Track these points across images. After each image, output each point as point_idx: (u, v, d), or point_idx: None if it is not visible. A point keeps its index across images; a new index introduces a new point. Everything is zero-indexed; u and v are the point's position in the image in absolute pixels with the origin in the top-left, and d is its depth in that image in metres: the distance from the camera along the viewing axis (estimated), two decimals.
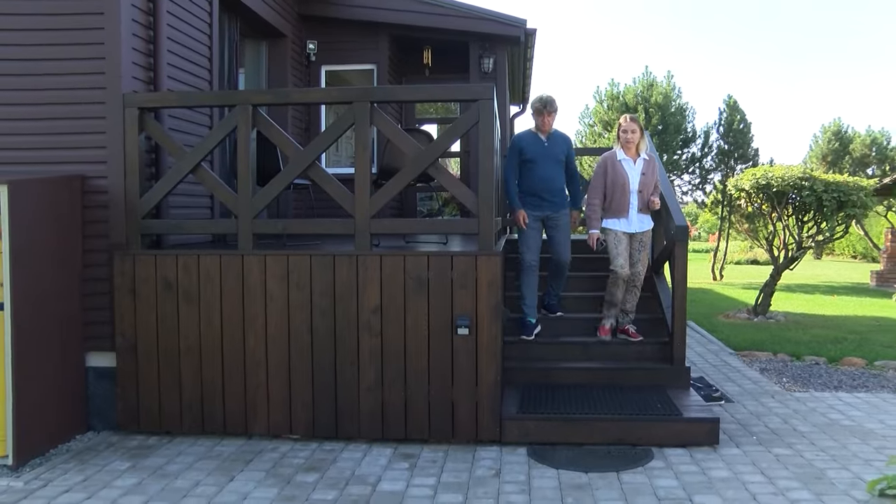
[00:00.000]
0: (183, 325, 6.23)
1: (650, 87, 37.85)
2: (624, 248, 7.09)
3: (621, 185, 7.02)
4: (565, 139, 7.41)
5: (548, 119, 7.18)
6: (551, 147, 7.20)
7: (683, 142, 36.68)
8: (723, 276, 21.13)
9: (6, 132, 6.41)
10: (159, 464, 5.61)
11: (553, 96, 7.23)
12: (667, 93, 37.49)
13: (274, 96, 6.94)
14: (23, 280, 5.60)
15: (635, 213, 7.07)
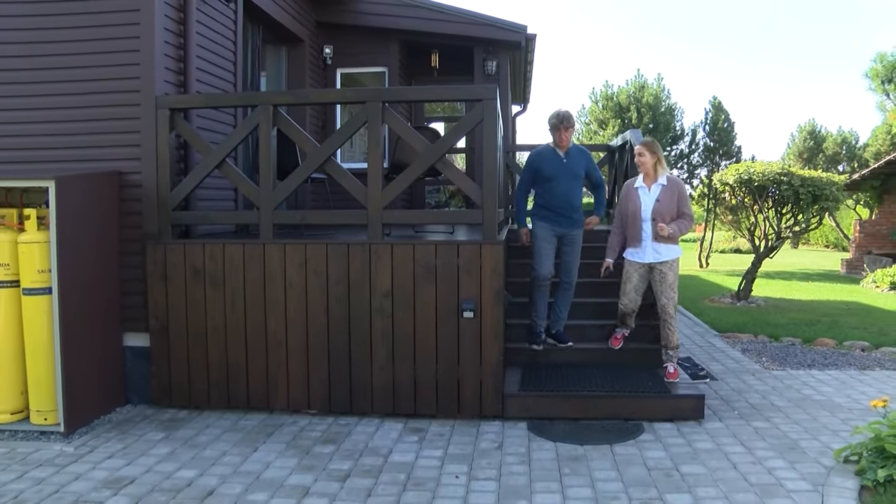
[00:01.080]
0: (210, 309, 6.27)
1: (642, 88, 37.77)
2: (635, 282, 6.49)
3: (633, 212, 6.40)
4: (583, 153, 6.84)
5: (565, 135, 6.61)
6: (570, 164, 6.66)
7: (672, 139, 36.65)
8: (708, 264, 21.11)
9: (52, 133, 6.46)
10: (189, 435, 5.67)
11: (569, 111, 6.71)
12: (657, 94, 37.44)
13: (293, 97, 6.97)
14: (68, 267, 5.65)
15: (649, 243, 6.34)
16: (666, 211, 6.29)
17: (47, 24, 6.44)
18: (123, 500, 4.46)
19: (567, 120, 6.64)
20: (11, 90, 6.50)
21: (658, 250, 6.35)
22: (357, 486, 4.64)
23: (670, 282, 6.34)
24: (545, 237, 6.72)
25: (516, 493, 4.48)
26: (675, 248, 6.39)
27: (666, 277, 6.33)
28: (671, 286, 6.35)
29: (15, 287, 5.77)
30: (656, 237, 6.28)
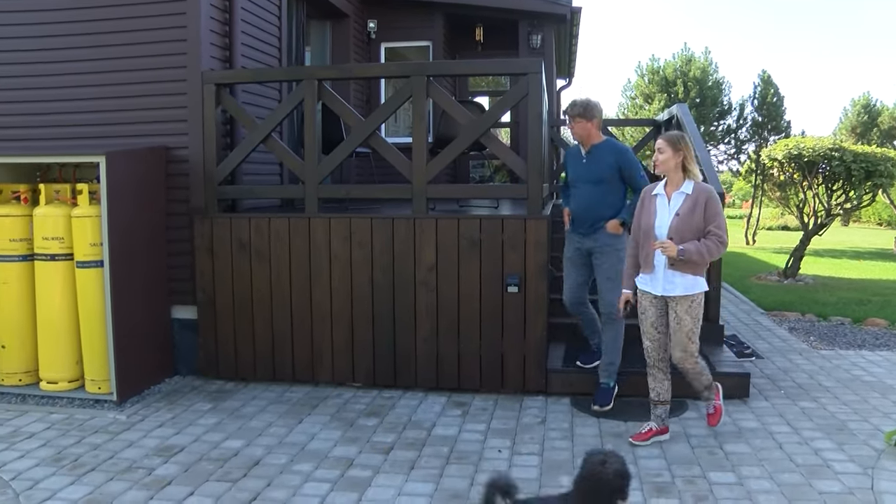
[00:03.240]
0: (255, 282, 6.35)
1: (688, 62, 37.10)
2: (652, 318, 4.90)
3: (646, 228, 4.84)
4: (613, 151, 5.52)
5: (575, 127, 5.50)
6: (589, 165, 5.52)
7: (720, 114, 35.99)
8: (755, 241, 20.79)
9: (102, 109, 6.57)
10: (236, 406, 5.77)
11: (587, 99, 5.51)
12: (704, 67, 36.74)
13: (338, 71, 6.99)
14: (118, 240, 5.76)
15: (662, 269, 4.77)
16: (686, 229, 4.68)
17: (96, 3, 6.52)
18: (173, 467, 4.56)
19: (573, 108, 5.49)
20: (64, 68, 6.61)
21: (673, 280, 4.75)
22: (400, 459, 4.68)
23: (687, 328, 4.74)
24: (567, 254, 5.81)
25: (559, 468, 4.49)
26: (696, 281, 4.73)
27: (682, 322, 4.74)
28: (689, 334, 4.75)
29: (69, 260, 5.90)
30: (673, 262, 4.72)
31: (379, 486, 4.30)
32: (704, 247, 4.65)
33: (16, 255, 6.00)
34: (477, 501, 4.06)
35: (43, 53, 6.65)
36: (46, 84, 6.67)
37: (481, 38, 11.56)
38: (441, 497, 4.14)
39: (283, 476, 4.44)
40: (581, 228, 5.62)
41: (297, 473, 4.47)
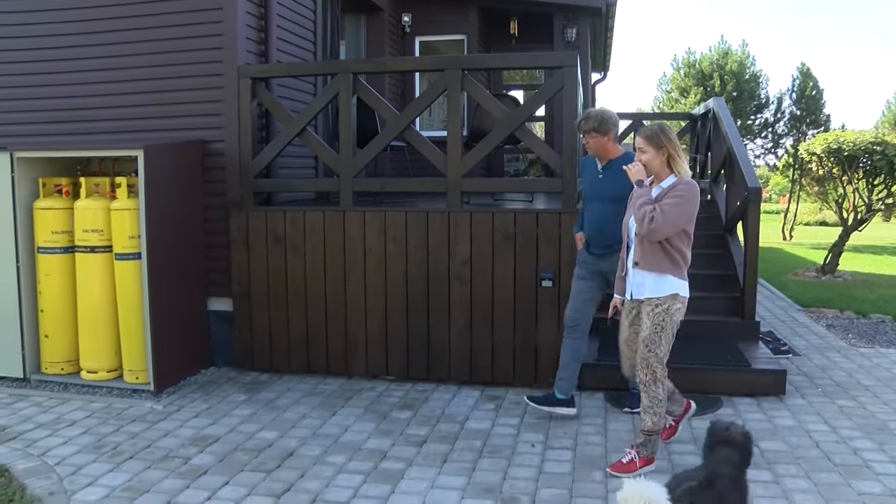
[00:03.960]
0: (290, 275, 6.39)
1: (725, 55, 36.64)
2: (625, 337, 4.57)
3: (625, 226, 4.53)
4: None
5: (590, 143, 5.00)
6: (605, 182, 5.02)
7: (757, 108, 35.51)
8: (792, 237, 20.50)
9: (140, 104, 6.66)
10: (270, 398, 5.82)
11: (601, 110, 4.99)
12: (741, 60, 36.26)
13: (373, 65, 7.01)
14: (155, 233, 5.82)
15: (632, 270, 4.41)
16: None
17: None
18: (209, 457, 4.62)
19: (587, 121, 4.95)
20: (103, 64, 6.71)
21: (642, 281, 4.34)
22: (433, 452, 4.69)
23: (644, 334, 4.27)
24: (578, 272, 5.29)
25: (592, 464, 4.46)
26: (665, 281, 4.25)
27: (641, 327, 4.33)
28: (646, 342, 4.26)
29: (108, 252, 5.99)
30: (640, 261, 4.32)
31: (412, 478, 4.31)
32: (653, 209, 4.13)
33: (58, 247, 6.10)
34: (508, 496, 4.07)
35: (82, 50, 6.76)
36: (85, 80, 6.78)
37: (516, 32, 11.50)
38: (474, 490, 4.14)
39: (317, 467, 4.47)
40: (596, 250, 5.12)
41: (331, 465, 4.50)
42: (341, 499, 4.05)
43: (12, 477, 4.35)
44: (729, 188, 7.77)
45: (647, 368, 4.28)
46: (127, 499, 4.06)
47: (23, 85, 6.97)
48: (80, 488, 4.20)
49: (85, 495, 4.11)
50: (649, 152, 4.30)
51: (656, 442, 4.38)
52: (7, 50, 6.99)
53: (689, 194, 4.20)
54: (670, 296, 4.25)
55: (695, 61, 37.59)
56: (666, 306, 4.24)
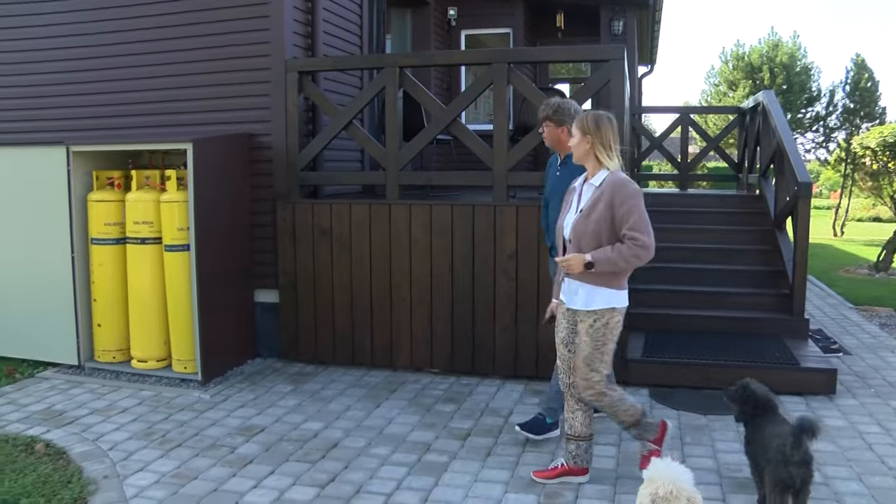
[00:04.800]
0: (336, 267, 6.43)
1: (775, 47, 36.00)
2: (563, 336, 4.15)
3: (558, 227, 4.15)
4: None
5: (544, 130, 4.70)
6: (562, 180, 4.51)
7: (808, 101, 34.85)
8: (843, 233, 20.05)
9: (189, 98, 6.75)
10: (315, 389, 5.87)
11: (559, 100, 4.74)
12: (792, 52, 35.61)
13: (419, 59, 7.01)
14: (204, 225, 5.90)
15: (566, 277, 4.03)
16: (583, 231, 3.89)
17: None
18: (255, 447, 4.67)
19: (544, 108, 4.69)
20: (153, 59, 6.82)
21: (575, 291, 3.98)
22: (477, 445, 4.69)
23: (584, 354, 3.94)
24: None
25: (636, 460, 4.41)
26: (600, 294, 3.90)
27: (581, 344, 3.96)
28: (586, 360, 3.94)
29: (158, 244, 6.09)
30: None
31: (455, 471, 4.31)
32: (617, 254, 3.79)
33: (110, 238, 6.22)
34: (551, 490, 4.05)
35: (133, 46, 6.87)
36: (136, 75, 6.90)
37: (562, 25, 11.43)
38: (517, 485, 4.13)
39: (361, 459, 4.50)
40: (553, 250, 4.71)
41: (375, 457, 4.52)
42: (385, 490, 4.07)
43: (70, 460, 4.49)
44: (778, 183, 7.63)
45: (592, 389, 3.97)
46: (176, 485, 4.13)
47: (76, 81, 7.13)
48: (132, 473, 4.29)
49: (136, 480, 4.20)
50: (575, 136, 3.99)
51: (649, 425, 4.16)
52: (62, 48, 7.15)
53: (631, 194, 3.85)
54: (607, 309, 3.91)
55: (744, 54, 37.00)
56: (605, 321, 3.90)
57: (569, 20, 11.41)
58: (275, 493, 4.03)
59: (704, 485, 3.85)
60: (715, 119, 32.43)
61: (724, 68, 37.64)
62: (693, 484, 2.91)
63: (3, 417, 5.25)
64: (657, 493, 2.85)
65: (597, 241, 3.85)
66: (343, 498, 3.97)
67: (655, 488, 2.87)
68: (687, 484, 2.88)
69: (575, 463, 4.15)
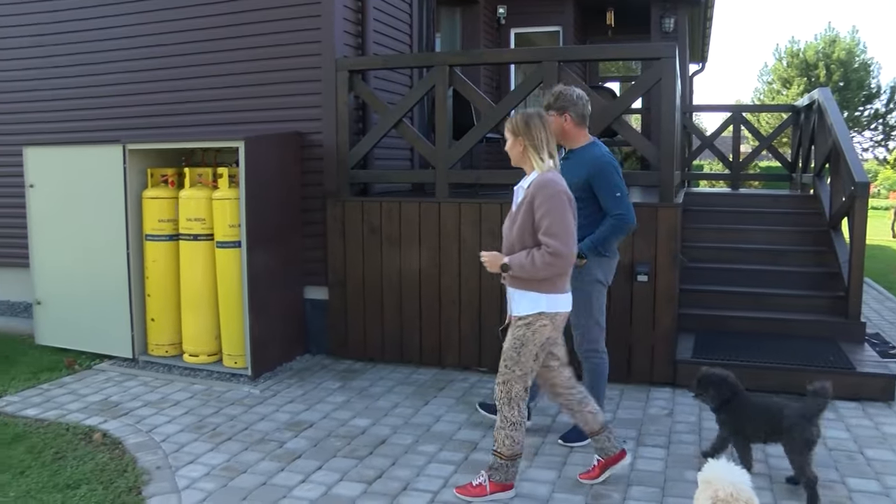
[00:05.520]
0: (385, 265, 6.46)
1: (832, 43, 35.23)
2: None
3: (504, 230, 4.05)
4: (587, 160, 4.50)
5: (555, 122, 4.46)
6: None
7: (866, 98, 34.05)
8: None
9: (241, 97, 6.85)
10: (364, 386, 5.91)
11: (561, 87, 4.62)
12: (850, 48, 34.81)
13: (468, 57, 7.00)
14: (255, 222, 5.98)
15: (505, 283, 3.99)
16: (509, 234, 3.91)
17: None
18: (303, 442, 4.72)
19: (546, 96, 4.60)
20: (205, 59, 6.94)
21: (510, 296, 3.97)
22: (525, 445, 4.66)
23: (505, 348, 3.92)
24: None
25: (685, 463, 4.37)
26: (528, 298, 3.83)
27: (506, 341, 3.94)
28: (505, 357, 3.91)
29: (210, 240, 6.18)
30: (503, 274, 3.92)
31: None
32: (530, 260, 3.70)
33: (163, 234, 6.34)
34: (598, 492, 4.02)
35: (186, 46, 7.00)
36: (189, 74, 7.02)
37: (612, 23, 11.34)
38: (564, 485, 4.12)
39: (408, 456, 4.52)
40: None
41: (422, 454, 4.54)
42: (432, 488, 4.09)
43: (125, 450, 4.61)
44: (833, 182, 7.47)
45: (503, 385, 3.89)
46: (226, 478, 4.20)
47: (132, 81, 7.28)
48: (183, 465, 4.37)
49: (188, 472, 4.28)
50: (508, 139, 3.91)
51: (511, 468, 3.92)
52: (118, 49, 7.31)
53: (550, 196, 3.71)
54: (535, 314, 3.81)
55: (799, 50, 36.29)
56: (528, 321, 3.81)
57: (619, 18, 11.32)
58: (322, 489, 4.08)
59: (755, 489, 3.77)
60: (768, 118, 31.89)
61: (778, 66, 36.98)
62: (750, 486, 2.87)
63: (64, 406, 5.41)
64: (717, 495, 2.80)
65: (522, 246, 3.79)
66: (390, 495, 4.00)
67: (715, 490, 2.82)
68: (746, 486, 2.83)
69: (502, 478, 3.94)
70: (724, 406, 4.24)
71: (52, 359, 6.53)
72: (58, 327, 6.86)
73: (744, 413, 4.17)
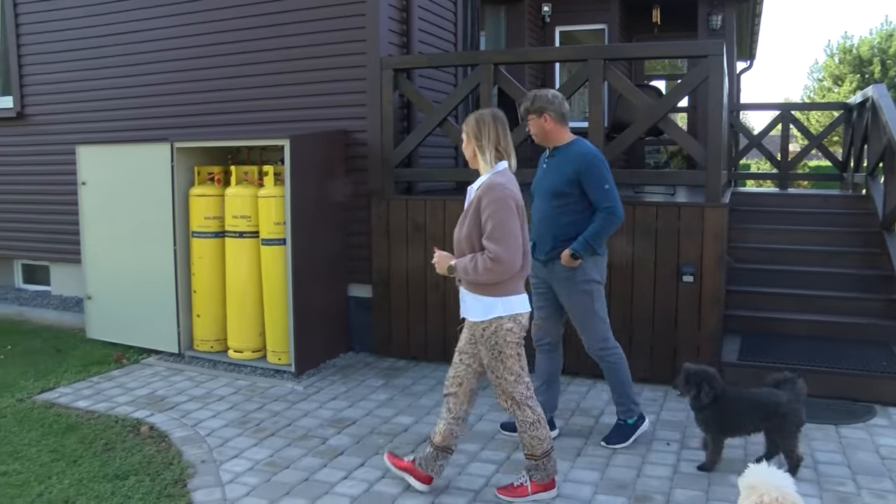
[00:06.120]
0: (429, 263, 6.46)
1: (889, 37, 34.41)
2: (460, 345, 4.05)
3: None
4: (573, 156, 4.47)
5: (530, 126, 4.60)
6: (548, 172, 4.52)
7: None
8: None
9: (287, 95, 6.92)
10: (406, 384, 5.92)
11: (535, 90, 4.60)
12: None
13: (513, 55, 6.98)
14: (299, 220, 6.03)
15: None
16: (459, 238, 3.84)
17: None
18: (346, 439, 4.76)
19: (523, 102, 4.58)
20: (252, 58, 7.03)
21: (463, 298, 3.91)
22: (567, 446, 4.65)
23: (486, 362, 3.87)
24: (532, 280, 4.73)
25: (729, 467, 4.30)
26: (481, 302, 3.77)
27: (482, 353, 3.87)
28: (495, 372, 3.87)
29: (255, 237, 6.25)
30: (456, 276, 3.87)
31: None
32: (473, 265, 3.66)
33: (209, 231, 6.43)
34: (641, 493, 3.99)
35: (233, 45, 7.09)
36: (235, 73, 7.12)
37: (658, 20, 11.23)
38: (606, 486, 4.09)
39: None
40: (539, 254, 4.58)
41: (464, 453, 4.54)
42: (473, 487, 4.09)
43: (171, 443, 4.70)
44: (888, 182, 7.29)
45: (503, 394, 3.91)
46: (269, 473, 4.24)
47: (179, 80, 7.40)
48: (228, 459, 4.43)
49: (232, 466, 4.34)
50: (463, 140, 3.91)
51: (548, 464, 3.91)
52: (166, 50, 7.44)
53: (495, 199, 3.66)
54: (492, 319, 3.75)
55: (852, 46, 35.52)
56: (493, 329, 3.76)
57: (665, 15, 11.20)
58: (364, 486, 4.10)
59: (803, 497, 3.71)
60: (818, 116, 31.26)
61: (830, 62, 36.23)
62: (796, 489, 2.82)
63: (113, 399, 5.52)
64: (763, 500, 2.76)
65: (470, 248, 3.75)
66: (432, 493, 4.00)
67: (760, 496, 2.77)
68: (792, 491, 2.78)
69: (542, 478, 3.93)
70: (709, 404, 4.21)
71: (102, 352, 6.67)
72: (107, 322, 7.01)
73: (734, 408, 4.21)
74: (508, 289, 3.75)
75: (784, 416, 4.10)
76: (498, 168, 3.79)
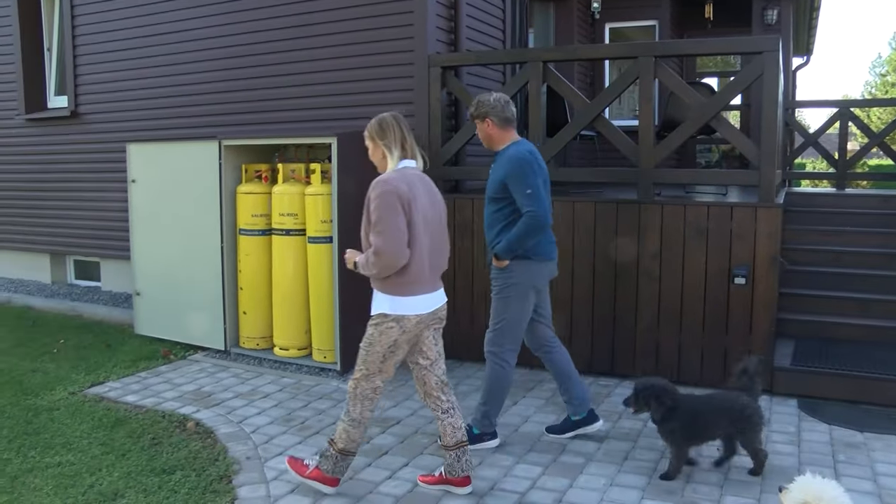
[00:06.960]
0: (476, 262, 6.45)
1: None
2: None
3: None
4: (504, 160, 4.46)
5: (478, 132, 4.67)
6: (490, 176, 4.60)
7: None
8: None
9: (333, 93, 6.99)
10: (451, 384, 5.89)
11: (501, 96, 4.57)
12: None
13: (562, 53, 6.93)
14: (346, 218, 6.05)
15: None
16: (364, 235, 3.93)
17: None
18: (390, 438, 4.78)
19: (470, 110, 4.66)
20: (300, 56, 7.12)
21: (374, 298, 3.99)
22: (614, 449, 4.61)
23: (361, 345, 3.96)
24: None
25: (782, 475, 4.21)
26: (377, 299, 3.91)
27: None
28: (358, 356, 3.97)
29: (302, 235, 6.30)
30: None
31: (590, 473, 4.26)
32: (364, 259, 3.82)
33: (256, 229, 6.50)
34: (690, 500, 3.93)
35: (278, 44, 7.19)
36: (282, 71, 7.22)
37: (711, 16, 11.05)
38: (654, 491, 4.04)
39: (496, 456, 4.51)
40: (488, 256, 4.66)
41: (509, 454, 4.53)
42: (518, 489, 4.07)
43: (216, 439, 4.77)
44: None
45: (352, 381, 3.96)
46: None
47: (226, 79, 7.53)
48: (272, 456, 4.48)
49: (276, 463, 4.38)
50: (369, 147, 4.03)
51: (340, 462, 3.96)
52: (213, 48, 7.57)
53: (378, 194, 3.79)
54: (379, 314, 3.86)
55: None
56: (375, 321, 3.88)
57: (718, 11, 11.02)
58: (408, 485, 4.11)
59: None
60: (879, 112, 30.53)
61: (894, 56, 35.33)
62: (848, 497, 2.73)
63: (161, 395, 5.62)
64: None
65: (367, 244, 3.84)
66: (476, 494, 4.00)
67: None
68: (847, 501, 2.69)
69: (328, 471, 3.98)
70: (670, 415, 4.17)
71: (150, 348, 6.80)
72: (155, 318, 7.14)
73: (698, 416, 4.19)
74: (402, 289, 3.83)
75: (749, 418, 4.14)
76: (399, 166, 3.91)
